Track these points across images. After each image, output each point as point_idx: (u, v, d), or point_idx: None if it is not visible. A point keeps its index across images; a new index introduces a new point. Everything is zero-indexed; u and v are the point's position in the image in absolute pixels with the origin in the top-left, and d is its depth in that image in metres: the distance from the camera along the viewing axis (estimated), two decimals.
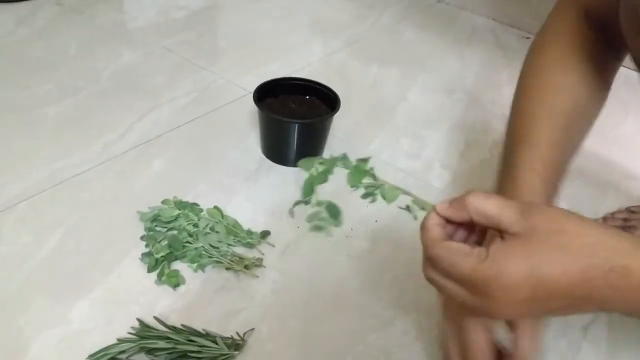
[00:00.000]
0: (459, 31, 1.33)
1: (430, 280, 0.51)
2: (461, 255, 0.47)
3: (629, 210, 0.84)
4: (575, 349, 0.67)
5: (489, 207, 0.48)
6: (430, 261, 0.50)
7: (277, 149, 0.89)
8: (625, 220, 0.83)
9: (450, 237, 0.51)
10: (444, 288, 0.50)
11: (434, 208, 0.50)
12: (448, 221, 0.51)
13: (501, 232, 0.47)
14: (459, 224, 0.51)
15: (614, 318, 0.71)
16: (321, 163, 0.55)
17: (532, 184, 0.60)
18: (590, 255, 0.46)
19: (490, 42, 1.32)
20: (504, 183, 0.61)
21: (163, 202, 0.78)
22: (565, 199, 0.88)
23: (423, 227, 0.50)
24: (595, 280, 0.45)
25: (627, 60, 0.66)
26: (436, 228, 0.50)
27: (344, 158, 0.55)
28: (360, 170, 0.55)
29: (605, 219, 0.84)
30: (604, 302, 0.47)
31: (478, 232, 0.51)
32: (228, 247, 0.73)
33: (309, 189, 0.56)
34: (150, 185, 0.83)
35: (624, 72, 0.68)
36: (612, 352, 0.67)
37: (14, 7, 1.22)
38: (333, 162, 0.55)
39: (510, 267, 0.46)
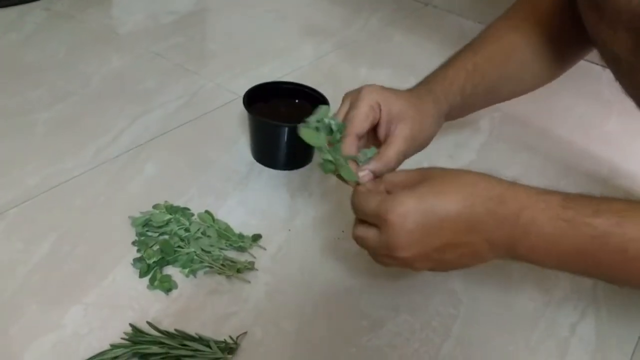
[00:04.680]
0: (447, 34, 1.34)
1: (356, 238, 0.61)
2: (372, 194, 0.59)
3: None
4: (564, 347, 0.68)
5: (395, 176, 0.61)
6: (354, 212, 0.60)
7: (267, 153, 0.89)
8: None
9: None
10: (365, 240, 0.59)
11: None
12: None
13: None
14: None
15: (601, 315, 0.72)
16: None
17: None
18: (473, 186, 0.54)
19: None
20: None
21: (154, 206, 0.78)
22: None
23: (354, 191, 0.61)
24: (476, 207, 0.53)
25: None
26: (362, 189, 0.61)
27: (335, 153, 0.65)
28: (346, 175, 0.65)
29: None
30: (489, 235, 0.54)
31: None
32: (220, 251, 0.73)
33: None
34: (142, 190, 0.83)
35: (607, 73, 0.69)
36: (601, 350, 0.68)
37: (1, 12, 1.22)
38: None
39: (405, 197, 0.55)
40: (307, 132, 0.65)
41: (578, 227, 0.51)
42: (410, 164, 0.70)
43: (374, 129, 0.68)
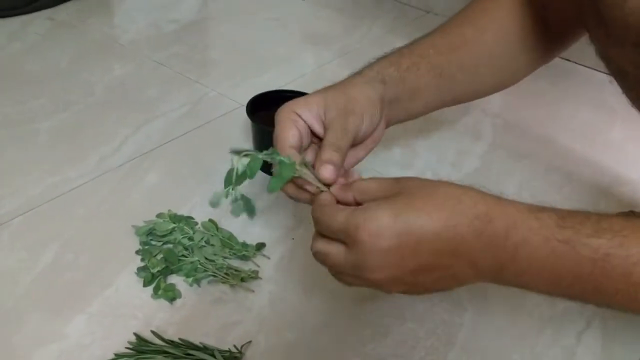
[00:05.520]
0: None
1: (315, 254, 0.53)
2: (339, 209, 0.51)
3: None
4: (570, 356, 0.68)
5: (367, 184, 0.53)
6: (316, 226, 0.53)
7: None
8: None
9: None
10: (327, 256, 0.52)
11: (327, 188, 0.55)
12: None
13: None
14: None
15: (608, 323, 0.72)
16: (246, 155, 0.58)
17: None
18: (456, 202, 0.48)
19: None
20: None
21: (158, 215, 0.78)
22: (557, 206, 0.89)
23: (314, 202, 0.54)
24: (460, 227, 0.47)
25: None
26: (325, 202, 0.54)
27: (272, 153, 0.58)
28: (285, 171, 0.57)
29: None
30: (472, 257, 0.48)
31: None
32: (224, 260, 0.73)
33: (228, 182, 0.57)
34: (145, 198, 0.83)
35: (611, 81, 0.69)
36: (608, 358, 0.68)
37: (5, 22, 1.22)
38: (258, 161, 0.57)
39: (378, 212, 0.48)
40: (275, 181, 0.58)
41: (577, 250, 0.46)
42: (411, 173, 0.71)
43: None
